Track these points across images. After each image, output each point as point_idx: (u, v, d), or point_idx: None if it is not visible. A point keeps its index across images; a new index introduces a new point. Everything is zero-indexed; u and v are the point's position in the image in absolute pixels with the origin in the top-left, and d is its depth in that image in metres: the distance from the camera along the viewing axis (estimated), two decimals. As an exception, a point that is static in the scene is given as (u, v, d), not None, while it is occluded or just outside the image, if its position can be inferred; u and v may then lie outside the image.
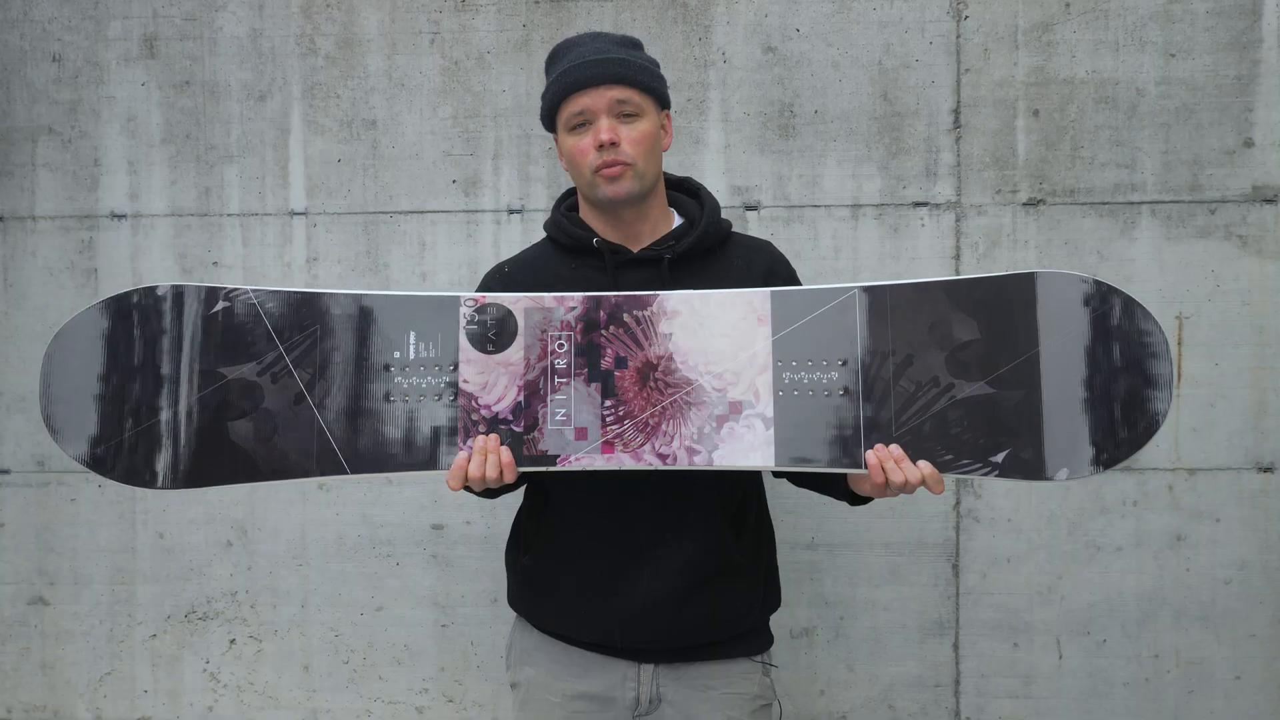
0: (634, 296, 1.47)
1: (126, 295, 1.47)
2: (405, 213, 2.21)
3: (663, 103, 1.57)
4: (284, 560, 2.24)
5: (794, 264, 1.67)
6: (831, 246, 2.15)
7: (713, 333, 1.45)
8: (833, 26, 2.15)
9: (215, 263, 2.23)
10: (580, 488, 1.53)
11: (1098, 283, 1.40)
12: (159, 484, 1.45)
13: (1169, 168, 2.12)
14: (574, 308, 1.46)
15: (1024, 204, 2.14)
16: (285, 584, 2.24)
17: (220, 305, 1.47)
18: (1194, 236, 2.12)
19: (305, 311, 1.47)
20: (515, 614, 1.66)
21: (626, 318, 1.46)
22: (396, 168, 2.21)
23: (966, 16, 2.14)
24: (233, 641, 2.26)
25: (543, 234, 1.66)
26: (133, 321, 1.47)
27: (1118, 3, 2.11)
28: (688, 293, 1.47)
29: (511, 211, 2.20)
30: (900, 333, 1.42)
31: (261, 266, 2.23)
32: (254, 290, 1.48)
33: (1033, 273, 1.41)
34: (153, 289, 1.48)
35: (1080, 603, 2.16)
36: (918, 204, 2.15)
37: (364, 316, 1.48)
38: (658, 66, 1.58)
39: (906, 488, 1.39)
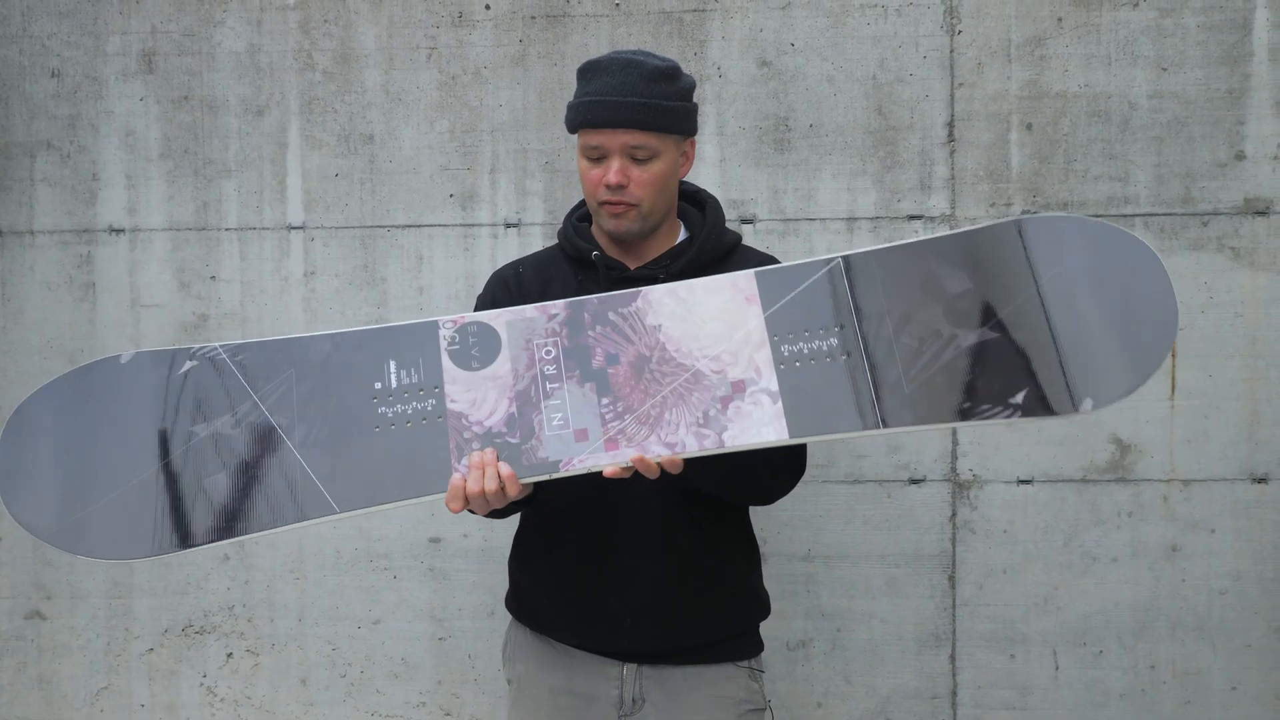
0: (616, 295, 1.44)
1: (90, 368, 1.41)
2: (402, 227, 2.22)
3: (686, 134, 1.56)
4: (281, 574, 2.24)
5: None
6: (827, 259, 2.17)
7: (702, 318, 1.42)
8: (827, 41, 2.16)
9: (213, 277, 2.24)
10: (563, 497, 1.53)
11: (1081, 219, 1.39)
12: (137, 555, 1.36)
13: (1161, 180, 2.13)
14: (556, 314, 1.43)
15: (1018, 216, 2.15)
16: (282, 597, 2.24)
17: (188, 365, 1.40)
18: (1187, 249, 2.13)
19: (278, 357, 1.41)
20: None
21: (612, 316, 1.43)
22: (394, 182, 2.22)
23: (960, 31, 2.15)
24: (230, 655, 2.25)
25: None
26: (96, 394, 1.39)
27: (1110, 17, 2.13)
28: (670, 284, 1.44)
29: (509, 225, 2.21)
30: (891, 293, 1.39)
31: (259, 280, 2.23)
32: (223, 345, 1.41)
33: (1014, 220, 1.40)
34: (115, 359, 1.41)
35: (1076, 614, 2.16)
36: (912, 217, 2.16)
37: (340, 354, 1.41)
38: (689, 94, 1.56)
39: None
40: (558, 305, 1.44)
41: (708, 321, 1.42)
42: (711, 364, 1.40)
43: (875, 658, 2.18)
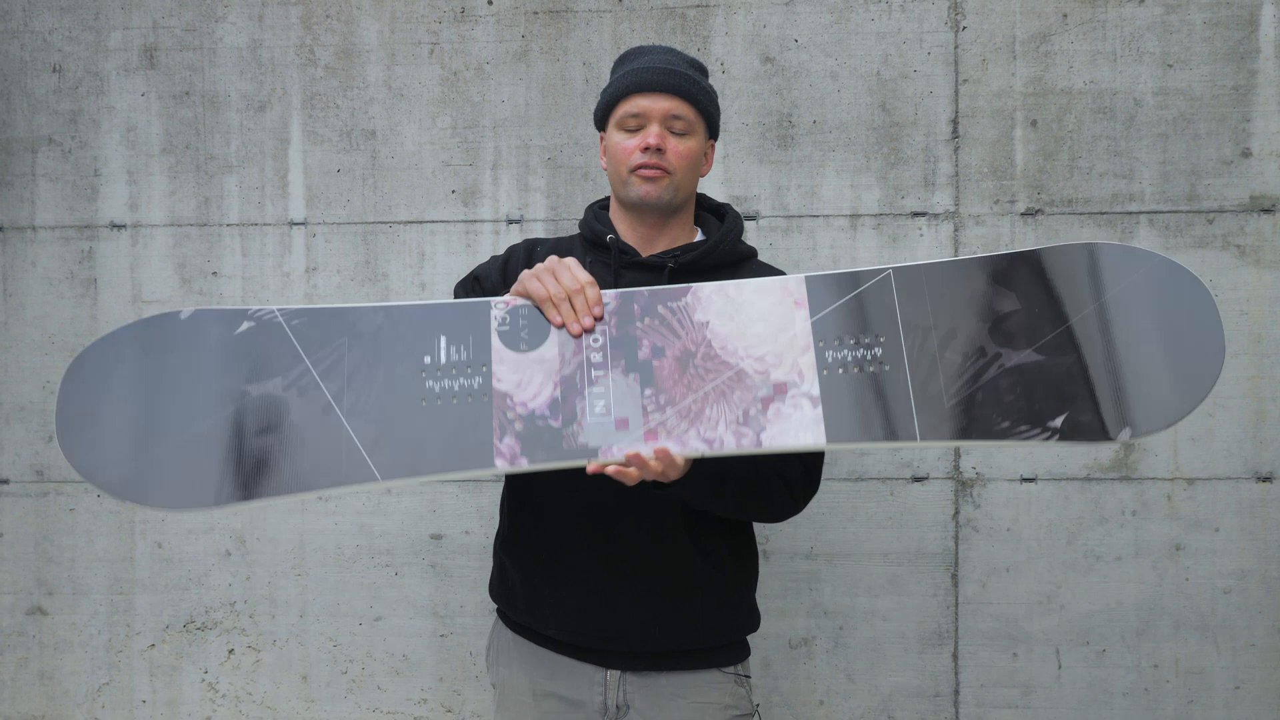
0: (667, 289, 1.45)
1: (150, 322, 1.44)
2: (404, 223, 2.21)
3: (712, 131, 1.61)
4: (283, 570, 2.24)
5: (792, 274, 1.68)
6: (830, 256, 2.16)
7: (750, 318, 1.43)
8: (831, 37, 2.15)
9: (214, 273, 2.23)
10: (559, 488, 1.53)
11: (1129, 249, 1.41)
12: (197, 506, 1.40)
13: (1167, 178, 2.12)
14: (607, 303, 1.44)
15: (1022, 214, 2.14)
16: (284, 594, 2.24)
17: (245, 325, 1.44)
18: (1192, 246, 2.12)
19: (332, 325, 1.44)
20: (495, 611, 1.68)
21: (661, 309, 1.44)
22: (395, 178, 2.21)
23: (964, 27, 2.14)
24: (231, 651, 2.25)
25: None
26: (155, 348, 1.43)
27: (1115, 13, 2.12)
28: (721, 283, 1.45)
29: (510, 222, 2.20)
30: (939, 308, 1.41)
31: (261, 276, 2.23)
32: (280, 309, 1.44)
33: (1088, 245, 1.42)
34: (175, 314, 1.44)
35: (1079, 612, 2.16)
36: (916, 214, 2.15)
37: (392, 326, 1.44)
38: (717, 97, 1.63)
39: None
40: (609, 295, 1.44)
41: (755, 322, 1.43)
42: (755, 364, 1.41)
43: (878, 656, 2.18)
